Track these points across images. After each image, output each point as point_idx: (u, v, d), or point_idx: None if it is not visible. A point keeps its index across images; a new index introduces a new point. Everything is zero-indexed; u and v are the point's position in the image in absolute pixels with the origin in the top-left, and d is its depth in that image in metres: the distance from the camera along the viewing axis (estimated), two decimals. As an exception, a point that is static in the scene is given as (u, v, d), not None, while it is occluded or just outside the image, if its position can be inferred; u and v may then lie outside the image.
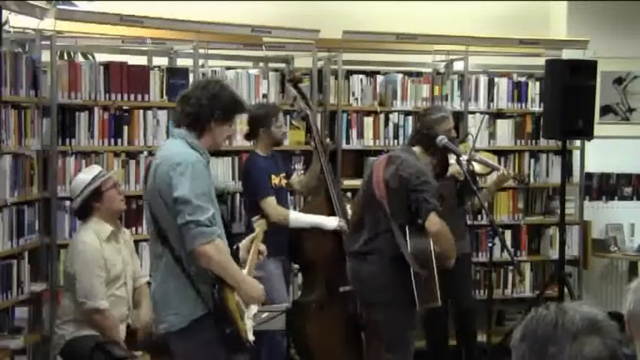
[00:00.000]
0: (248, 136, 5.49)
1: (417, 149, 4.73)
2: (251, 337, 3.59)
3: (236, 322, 3.50)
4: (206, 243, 3.38)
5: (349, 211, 5.51)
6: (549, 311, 1.68)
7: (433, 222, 4.44)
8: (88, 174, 4.63)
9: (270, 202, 5.22)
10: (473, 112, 6.50)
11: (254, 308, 3.71)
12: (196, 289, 3.47)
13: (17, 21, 5.30)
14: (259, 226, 4.01)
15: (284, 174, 5.45)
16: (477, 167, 5.73)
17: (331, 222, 5.32)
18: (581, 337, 1.64)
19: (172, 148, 3.56)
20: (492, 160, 5.96)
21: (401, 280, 4.49)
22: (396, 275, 4.52)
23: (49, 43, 5.22)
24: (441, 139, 4.95)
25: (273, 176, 5.32)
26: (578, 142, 6.71)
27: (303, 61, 6.30)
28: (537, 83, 6.71)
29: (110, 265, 4.47)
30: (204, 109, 3.53)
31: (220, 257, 3.43)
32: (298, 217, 5.31)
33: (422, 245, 4.51)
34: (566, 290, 6.24)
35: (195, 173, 3.42)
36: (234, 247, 3.73)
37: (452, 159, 5.19)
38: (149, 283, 4.69)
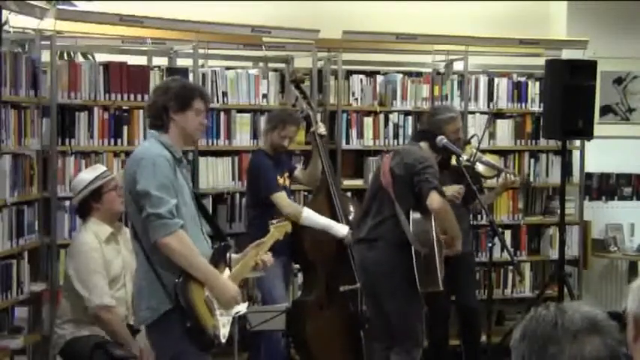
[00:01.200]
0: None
1: (423, 144, 4.84)
2: (223, 334, 3.59)
3: (198, 316, 3.52)
4: (168, 234, 3.45)
5: (351, 210, 5.52)
6: (549, 311, 1.68)
7: (435, 200, 4.52)
8: (90, 173, 4.63)
9: (282, 196, 5.21)
10: (473, 112, 6.50)
11: (238, 308, 3.70)
12: (162, 283, 3.52)
13: (17, 21, 5.29)
14: (276, 228, 3.98)
15: (287, 174, 5.45)
16: (482, 169, 5.73)
17: (342, 230, 5.27)
18: (581, 336, 1.64)
19: (140, 147, 3.76)
20: (497, 162, 5.97)
21: (405, 266, 4.55)
22: (401, 262, 4.59)
23: (48, 43, 5.22)
24: (441, 139, 4.97)
25: (277, 176, 5.32)
26: (578, 142, 6.71)
27: (303, 61, 6.29)
28: (537, 83, 6.70)
29: (109, 266, 4.46)
30: (158, 104, 3.67)
31: (183, 249, 3.48)
32: (311, 216, 5.24)
33: (424, 227, 4.60)
34: (566, 290, 6.24)
35: (156, 166, 3.51)
36: (222, 244, 3.75)
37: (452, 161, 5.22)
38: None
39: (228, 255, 3.80)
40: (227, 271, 3.73)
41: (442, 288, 4.67)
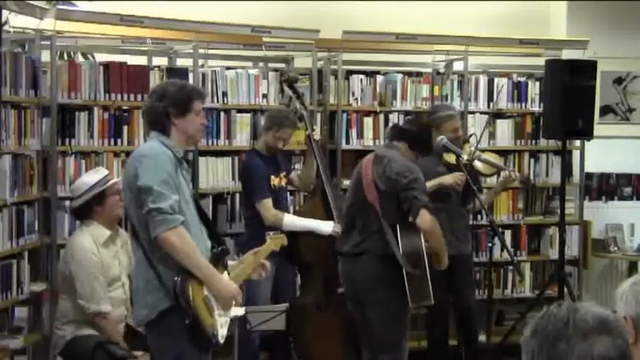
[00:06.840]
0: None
1: (401, 145, 4.71)
2: (221, 334, 3.59)
3: (197, 314, 3.49)
4: (168, 230, 3.44)
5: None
6: (561, 309, 1.68)
7: (425, 219, 4.45)
8: (92, 176, 4.64)
9: (266, 205, 5.21)
10: (473, 112, 6.50)
11: (236, 310, 3.71)
12: (161, 280, 3.50)
13: (17, 21, 5.28)
14: (273, 240, 3.98)
15: (284, 173, 5.44)
16: (482, 167, 5.72)
17: (326, 227, 5.28)
18: (592, 336, 1.64)
19: (142, 147, 3.79)
20: (498, 160, 5.95)
21: (393, 278, 4.51)
22: (388, 274, 4.54)
23: (49, 43, 5.21)
24: (441, 139, 4.97)
25: (272, 177, 5.31)
26: (578, 142, 6.70)
27: (303, 61, 6.29)
28: (537, 83, 6.70)
29: (107, 268, 4.47)
30: (157, 111, 3.65)
31: (183, 245, 3.47)
32: (293, 221, 5.28)
33: (413, 244, 4.54)
34: (566, 290, 6.23)
35: (159, 163, 3.51)
36: (220, 248, 3.74)
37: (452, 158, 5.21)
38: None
39: (225, 260, 3.79)
40: (225, 275, 3.73)
41: (433, 302, 4.62)
